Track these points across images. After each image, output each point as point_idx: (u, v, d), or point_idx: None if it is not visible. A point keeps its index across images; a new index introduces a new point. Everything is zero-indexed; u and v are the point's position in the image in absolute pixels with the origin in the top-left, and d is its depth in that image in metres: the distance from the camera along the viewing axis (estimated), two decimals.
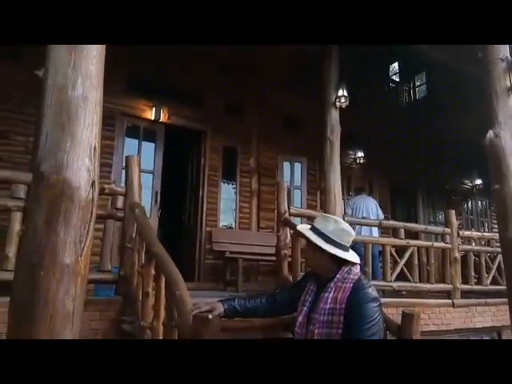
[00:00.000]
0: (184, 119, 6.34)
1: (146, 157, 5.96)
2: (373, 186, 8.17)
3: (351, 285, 1.80)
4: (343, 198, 5.79)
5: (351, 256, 1.90)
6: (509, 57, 3.39)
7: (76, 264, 1.42)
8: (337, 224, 1.94)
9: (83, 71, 1.43)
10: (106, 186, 3.15)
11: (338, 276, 1.86)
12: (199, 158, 6.57)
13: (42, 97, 1.42)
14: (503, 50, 3.48)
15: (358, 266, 1.91)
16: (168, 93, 6.13)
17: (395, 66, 9.91)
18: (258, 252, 5.92)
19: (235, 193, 6.80)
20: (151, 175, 6.03)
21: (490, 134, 3.25)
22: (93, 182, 1.42)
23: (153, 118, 6.02)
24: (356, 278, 1.84)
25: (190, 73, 6.27)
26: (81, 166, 1.39)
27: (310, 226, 2.01)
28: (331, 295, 1.82)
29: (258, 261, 6.16)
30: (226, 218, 6.75)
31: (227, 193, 6.79)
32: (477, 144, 3.52)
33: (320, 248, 1.87)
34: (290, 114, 7.27)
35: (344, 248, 1.89)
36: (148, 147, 6.17)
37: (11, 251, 2.83)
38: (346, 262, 1.88)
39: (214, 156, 6.56)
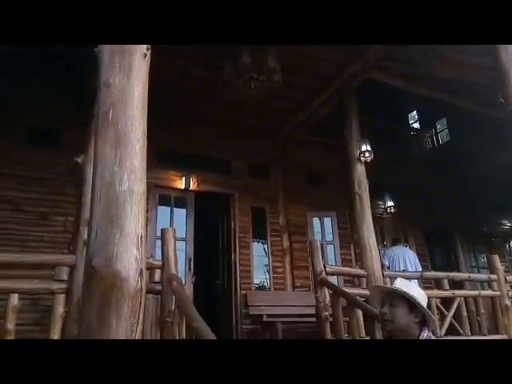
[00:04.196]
0: (212, 185, 6.53)
1: (177, 223, 6.09)
2: (407, 235, 7.94)
3: None
4: (378, 249, 5.66)
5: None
6: None
7: None
8: (418, 289, 1.83)
9: (128, 167, 1.53)
10: None
11: None
12: (229, 220, 6.66)
13: (91, 194, 1.52)
14: None
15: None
16: (196, 162, 6.41)
17: (414, 113, 10.04)
18: (296, 313, 5.74)
19: (267, 252, 6.76)
20: (184, 242, 6.11)
21: None
22: (141, 271, 1.47)
23: (183, 186, 6.25)
24: None
25: (215, 141, 6.56)
26: (129, 256, 1.44)
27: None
28: None
29: (297, 323, 5.96)
30: (259, 276, 6.66)
31: (259, 253, 6.76)
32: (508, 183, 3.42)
33: (413, 307, 1.70)
34: (314, 170, 7.38)
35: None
36: (179, 213, 6.33)
37: (56, 334, 2.88)
38: (425, 327, 1.70)
39: (243, 217, 6.64)
